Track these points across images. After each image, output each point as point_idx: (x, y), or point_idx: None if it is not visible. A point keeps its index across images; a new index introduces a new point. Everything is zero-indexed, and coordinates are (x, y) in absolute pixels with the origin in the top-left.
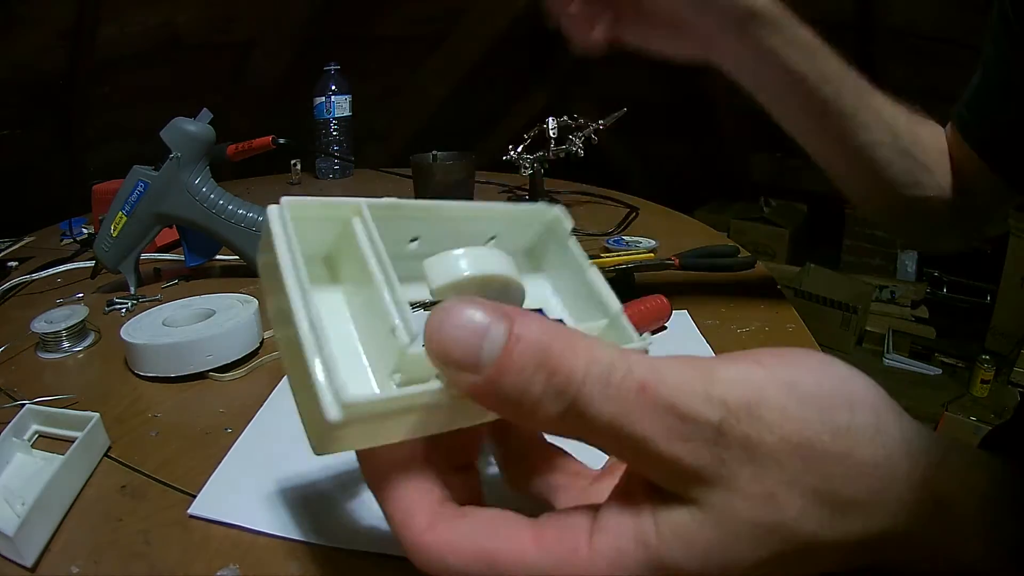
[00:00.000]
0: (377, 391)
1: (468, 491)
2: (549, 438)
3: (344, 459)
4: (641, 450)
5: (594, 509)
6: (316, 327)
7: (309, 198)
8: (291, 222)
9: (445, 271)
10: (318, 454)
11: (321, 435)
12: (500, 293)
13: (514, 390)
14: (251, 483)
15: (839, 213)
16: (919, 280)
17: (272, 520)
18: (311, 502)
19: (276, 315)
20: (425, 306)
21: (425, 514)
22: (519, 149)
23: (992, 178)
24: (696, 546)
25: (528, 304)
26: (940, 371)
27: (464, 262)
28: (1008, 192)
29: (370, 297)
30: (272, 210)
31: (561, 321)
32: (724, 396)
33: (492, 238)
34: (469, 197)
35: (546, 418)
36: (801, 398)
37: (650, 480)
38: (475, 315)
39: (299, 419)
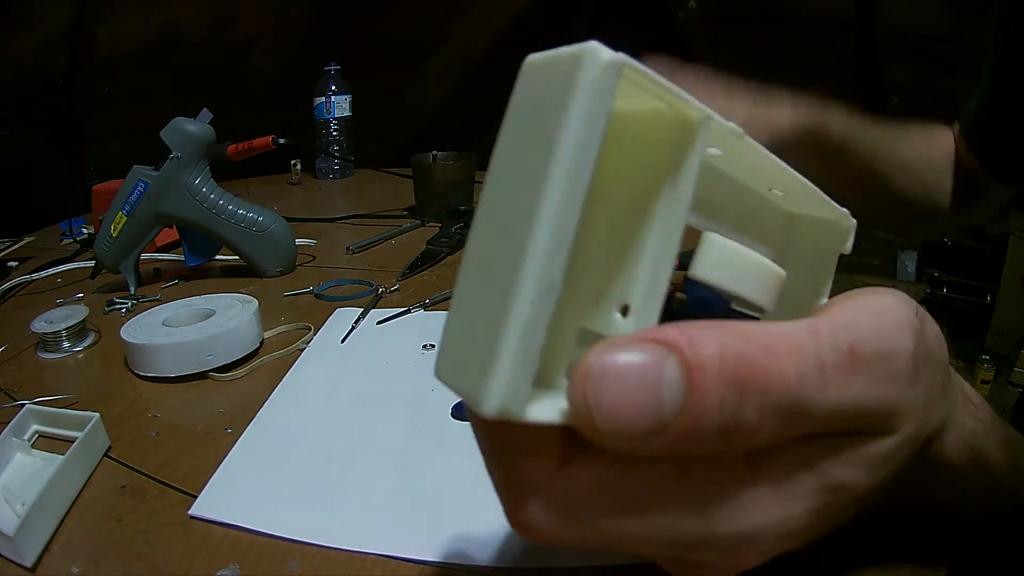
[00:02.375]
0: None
1: None
2: None
3: (343, 459)
4: (853, 412)
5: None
6: (552, 283)
7: (653, 74)
8: (614, 93)
9: (715, 266)
10: (438, 376)
11: (459, 388)
12: (741, 304)
13: (720, 428)
14: (251, 483)
15: None
16: (919, 280)
17: (272, 520)
18: (311, 502)
19: (499, 187)
20: None
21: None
22: None
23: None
24: (888, 466)
25: None
26: None
27: (746, 275)
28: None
29: (618, 252)
30: (595, 57)
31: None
32: (901, 320)
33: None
34: (470, 197)
35: (764, 438)
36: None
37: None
38: (632, 357)
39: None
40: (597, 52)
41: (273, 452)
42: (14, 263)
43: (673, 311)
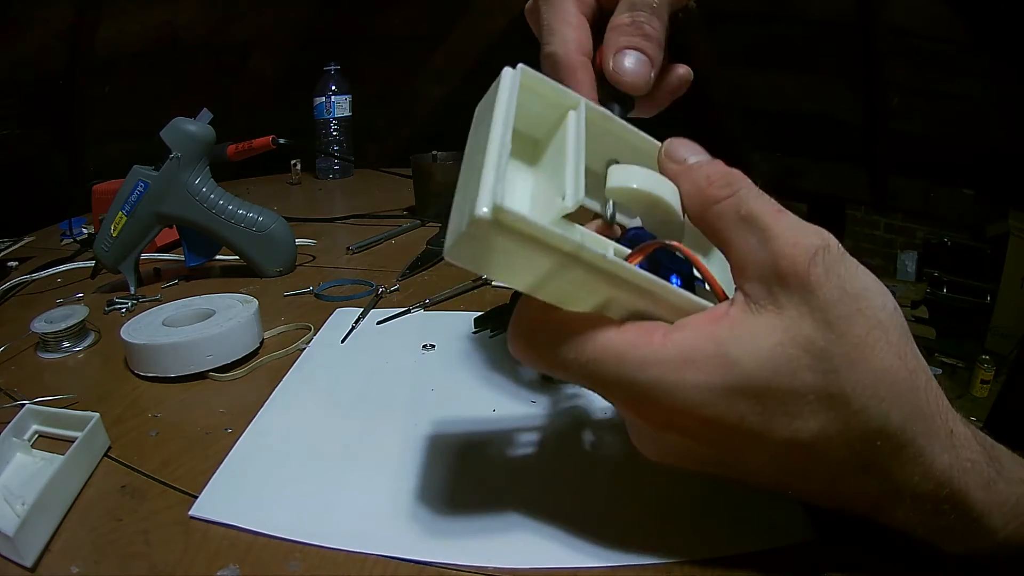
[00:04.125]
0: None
1: None
2: None
3: (343, 459)
4: (770, 237)
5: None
6: (503, 155)
7: (543, 76)
8: (519, 86)
9: (623, 178)
10: (446, 257)
11: (460, 234)
12: (661, 222)
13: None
14: (251, 483)
15: (839, 213)
16: (919, 280)
17: (272, 520)
18: (311, 502)
19: (469, 156)
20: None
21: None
22: None
23: None
24: (762, 348)
25: None
26: (940, 371)
27: (640, 177)
28: None
29: (556, 171)
30: (508, 70)
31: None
32: (828, 236)
33: None
34: None
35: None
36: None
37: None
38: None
39: (454, 219)
40: (507, 69)
41: (273, 452)
42: (14, 263)
43: (617, 240)
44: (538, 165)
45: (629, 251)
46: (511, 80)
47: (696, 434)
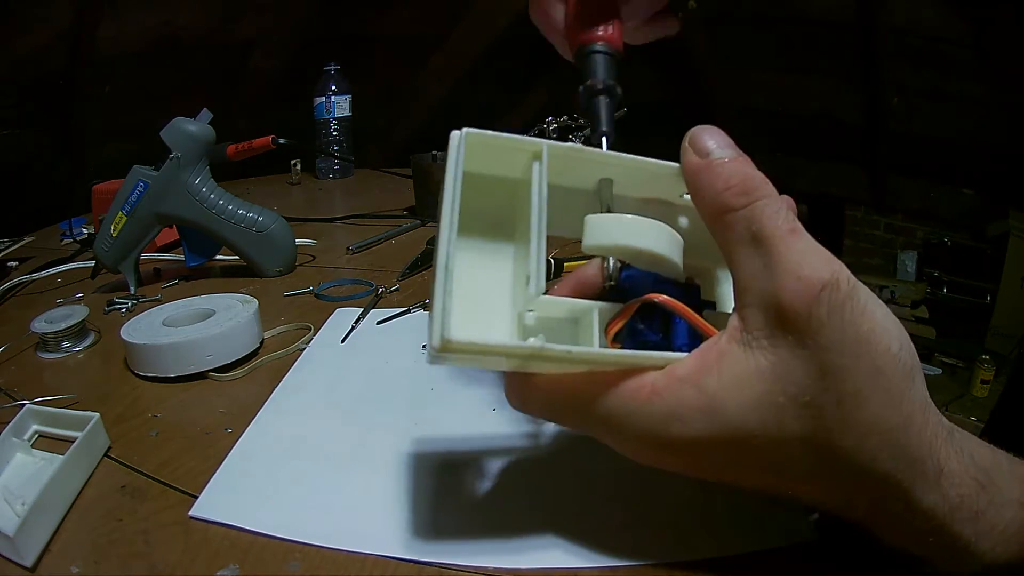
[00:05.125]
0: (491, 333)
1: None
2: None
3: (343, 459)
4: (773, 265)
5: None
6: (448, 267)
7: (492, 132)
8: (464, 151)
9: (601, 234)
10: (429, 363)
11: (430, 355)
12: (652, 264)
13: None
14: (251, 483)
15: (839, 213)
16: (919, 280)
17: (272, 520)
18: (311, 502)
19: (437, 242)
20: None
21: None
22: None
23: None
24: (749, 396)
25: None
26: (940, 371)
27: (623, 231)
28: None
29: (527, 250)
30: (453, 135)
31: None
32: (839, 270)
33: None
34: None
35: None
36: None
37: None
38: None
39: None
40: (456, 133)
41: (273, 452)
42: (14, 263)
43: (611, 289)
44: (516, 239)
45: (612, 316)
46: (456, 147)
47: (684, 469)
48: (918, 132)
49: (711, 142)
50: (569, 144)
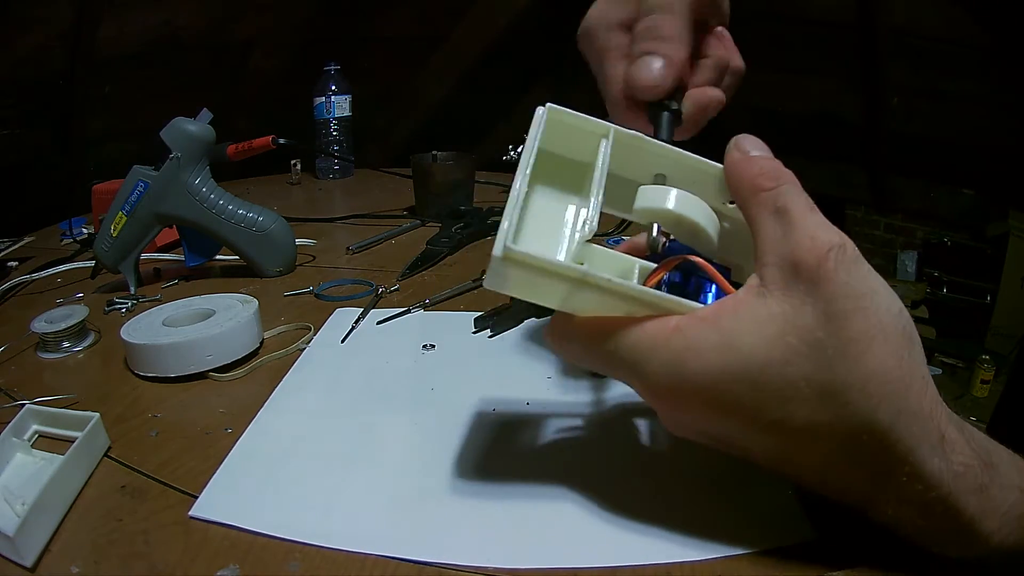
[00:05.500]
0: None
1: None
2: None
3: (343, 460)
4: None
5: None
6: (519, 197)
7: (568, 109)
8: (546, 122)
9: (650, 199)
10: (485, 287)
11: (491, 270)
12: (691, 236)
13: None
14: (251, 483)
15: (839, 213)
16: (919, 280)
17: (272, 520)
18: (311, 502)
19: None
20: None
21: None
22: (519, 149)
23: None
24: (762, 333)
25: None
26: (940, 371)
27: (670, 198)
28: None
29: (586, 201)
30: (539, 110)
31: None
32: (848, 240)
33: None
34: (470, 197)
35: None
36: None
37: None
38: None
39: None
40: (543, 106)
41: (273, 452)
42: (14, 263)
43: (654, 258)
44: (578, 198)
45: (654, 267)
46: (537, 120)
47: (701, 414)
48: (918, 132)
49: (750, 145)
50: (632, 132)
